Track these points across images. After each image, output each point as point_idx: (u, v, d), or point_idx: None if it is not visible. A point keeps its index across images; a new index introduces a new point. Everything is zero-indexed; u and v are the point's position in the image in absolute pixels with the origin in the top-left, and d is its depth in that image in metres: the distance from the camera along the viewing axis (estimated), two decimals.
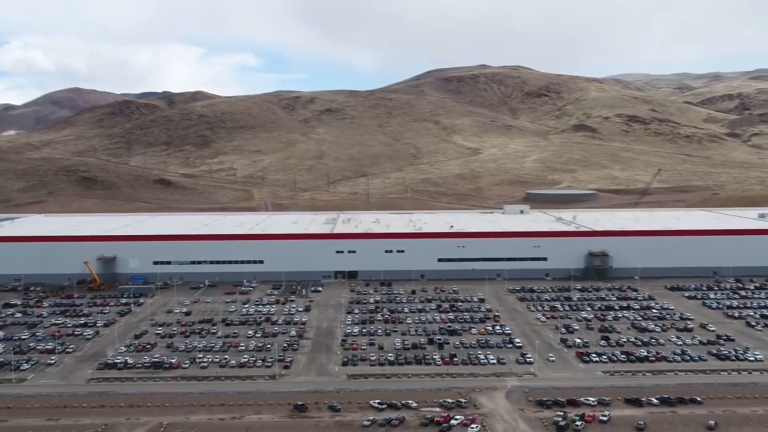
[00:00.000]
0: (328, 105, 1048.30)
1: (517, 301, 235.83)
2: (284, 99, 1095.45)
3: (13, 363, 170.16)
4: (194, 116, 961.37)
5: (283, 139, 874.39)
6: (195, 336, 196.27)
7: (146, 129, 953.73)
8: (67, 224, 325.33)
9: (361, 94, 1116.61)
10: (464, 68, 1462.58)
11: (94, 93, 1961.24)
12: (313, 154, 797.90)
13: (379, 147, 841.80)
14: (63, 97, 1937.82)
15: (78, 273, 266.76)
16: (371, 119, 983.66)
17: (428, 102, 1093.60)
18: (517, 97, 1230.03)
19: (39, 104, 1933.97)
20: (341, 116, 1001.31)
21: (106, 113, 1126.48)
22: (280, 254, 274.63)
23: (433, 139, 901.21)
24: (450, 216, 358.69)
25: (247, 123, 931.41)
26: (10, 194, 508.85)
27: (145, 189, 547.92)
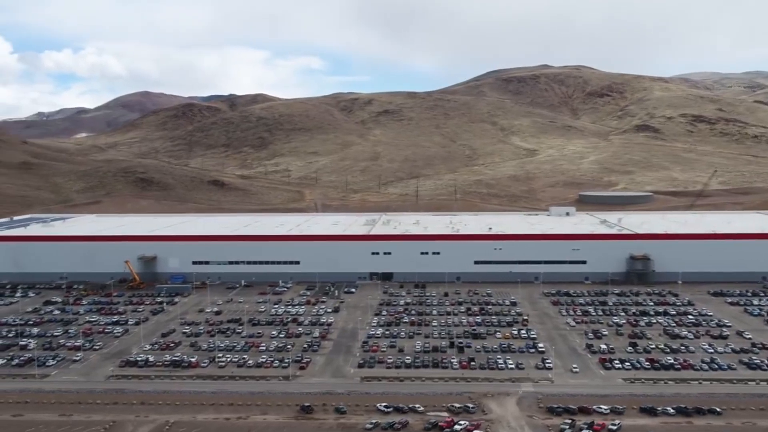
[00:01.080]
0: (385, 106, 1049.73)
1: (550, 305, 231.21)
2: (342, 101, 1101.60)
3: (41, 359, 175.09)
4: (253, 118, 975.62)
5: (339, 140, 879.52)
6: (220, 335, 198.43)
7: (206, 131, 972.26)
8: (114, 224, 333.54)
9: (419, 96, 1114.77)
10: (525, 68, 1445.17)
11: (162, 96, 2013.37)
12: (368, 155, 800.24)
13: (434, 148, 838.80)
14: (133, 100, 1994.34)
15: (120, 272, 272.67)
16: (428, 120, 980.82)
17: (487, 103, 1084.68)
18: (579, 97, 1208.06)
19: (110, 107, 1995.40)
20: (398, 118, 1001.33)
21: (169, 116, 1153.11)
22: (316, 255, 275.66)
23: (490, 140, 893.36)
24: (494, 218, 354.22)
25: (304, 125, 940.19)
26: (70, 195, 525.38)
27: (199, 190, 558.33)
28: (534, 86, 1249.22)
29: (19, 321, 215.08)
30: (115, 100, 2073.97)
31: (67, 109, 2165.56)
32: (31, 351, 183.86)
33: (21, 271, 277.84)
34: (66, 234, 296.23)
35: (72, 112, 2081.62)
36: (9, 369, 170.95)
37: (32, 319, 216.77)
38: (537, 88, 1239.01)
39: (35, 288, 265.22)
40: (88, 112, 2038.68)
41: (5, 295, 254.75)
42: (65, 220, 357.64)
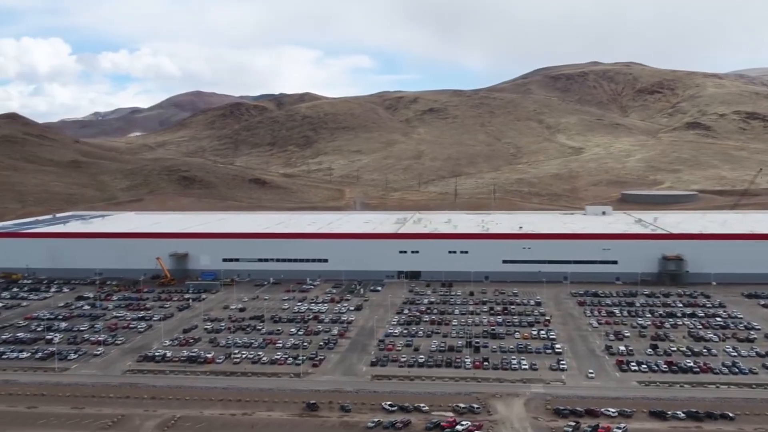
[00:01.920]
0: (430, 105, 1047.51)
1: (576, 306, 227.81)
2: (388, 99, 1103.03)
3: (63, 352, 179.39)
4: (299, 117, 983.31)
5: (383, 139, 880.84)
6: (240, 332, 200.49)
7: (253, 130, 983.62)
8: (150, 222, 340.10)
9: (465, 94, 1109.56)
10: (574, 66, 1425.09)
11: (213, 96, 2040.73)
12: (411, 154, 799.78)
13: (478, 147, 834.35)
14: (185, 100, 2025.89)
15: (152, 269, 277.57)
16: (473, 119, 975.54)
17: (533, 101, 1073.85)
18: (628, 94, 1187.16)
19: (163, 107, 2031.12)
20: (443, 116, 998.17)
21: (218, 115, 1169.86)
22: (344, 253, 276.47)
23: (535, 138, 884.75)
24: (527, 217, 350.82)
25: (349, 123, 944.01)
26: (115, 192, 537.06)
27: (241, 188, 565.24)
28: (582, 83, 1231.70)
29: (49, 315, 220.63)
30: (167, 100, 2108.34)
31: (121, 108, 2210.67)
32: (55, 345, 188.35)
33: (58, 267, 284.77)
34: (101, 231, 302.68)
35: (126, 111, 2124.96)
36: (31, 362, 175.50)
37: (62, 314, 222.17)
38: (585, 86, 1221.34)
39: (70, 283, 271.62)
40: (141, 111, 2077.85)
41: (41, 290, 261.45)
42: (104, 217, 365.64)
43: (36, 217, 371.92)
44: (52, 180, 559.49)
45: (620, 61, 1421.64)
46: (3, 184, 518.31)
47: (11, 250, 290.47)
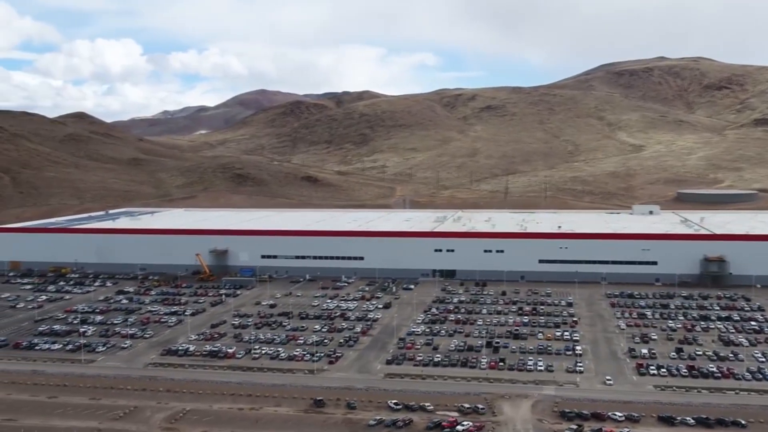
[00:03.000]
0: (488, 102, 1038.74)
1: (608, 307, 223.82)
2: (446, 97, 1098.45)
3: (92, 345, 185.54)
4: (356, 115, 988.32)
5: (439, 136, 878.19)
6: (266, 328, 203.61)
7: (311, 128, 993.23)
8: (197, 218, 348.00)
9: (524, 91, 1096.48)
10: (639, 61, 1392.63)
11: (278, 94, 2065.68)
12: (466, 151, 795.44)
13: (535, 144, 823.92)
14: (250, 98, 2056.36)
15: (194, 264, 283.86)
16: (532, 116, 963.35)
17: (594, 97, 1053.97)
18: (695, 90, 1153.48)
19: (228, 106, 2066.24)
20: (501, 113, 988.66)
21: (278, 113, 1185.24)
22: (379, 251, 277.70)
23: (595, 135, 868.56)
24: (571, 216, 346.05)
25: (405, 121, 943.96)
26: (170, 189, 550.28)
27: (292, 186, 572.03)
28: (647, 79, 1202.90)
29: (87, 309, 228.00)
30: (233, 99, 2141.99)
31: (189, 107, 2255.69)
32: (87, 337, 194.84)
33: (104, 262, 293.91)
34: (145, 227, 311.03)
35: (193, 110, 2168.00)
36: (61, 353, 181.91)
37: (99, 308, 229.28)
38: (650, 81, 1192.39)
39: (114, 278, 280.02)
40: (207, 110, 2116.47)
41: (85, 284, 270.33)
42: (153, 214, 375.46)
43: (89, 213, 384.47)
44: (111, 177, 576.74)
45: (688, 56, 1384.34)
46: (64, 180, 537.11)
47: (61, 245, 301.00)
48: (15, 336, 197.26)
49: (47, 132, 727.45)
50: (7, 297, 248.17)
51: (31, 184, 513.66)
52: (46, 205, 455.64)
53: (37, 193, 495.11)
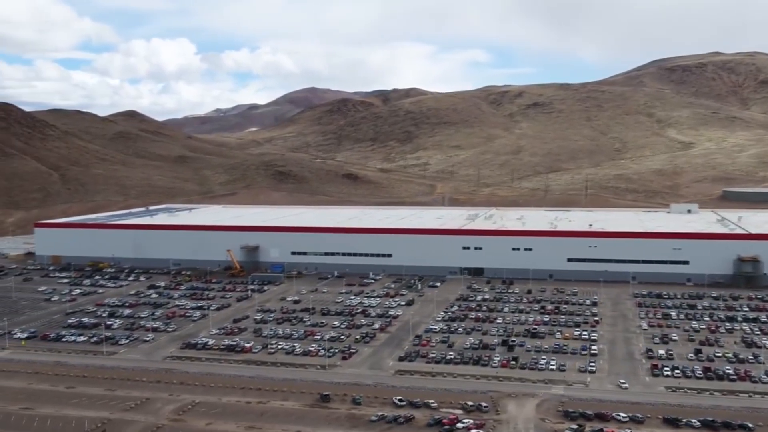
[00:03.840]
0: (535, 99, 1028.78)
1: (634, 307, 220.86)
2: (492, 94, 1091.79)
3: (116, 338, 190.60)
4: (401, 113, 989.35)
5: (484, 134, 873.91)
6: (286, 323, 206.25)
7: (356, 126, 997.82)
8: (233, 215, 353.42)
9: (572, 87, 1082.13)
10: (692, 56, 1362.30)
11: (328, 92, 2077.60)
12: (510, 149, 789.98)
13: (581, 141, 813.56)
14: (300, 96, 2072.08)
15: (226, 260, 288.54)
16: (579, 113, 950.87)
17: (644, 94, 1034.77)
18: (750, 86, 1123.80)
19: (279, 104, 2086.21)
20: (548, 110, 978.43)
21: (325, 111, 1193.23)
22: (407, 248, 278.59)
23: (644, 132, 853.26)
24: (606, 214, 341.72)
25: (450, 119, 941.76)
26: (213, 186, 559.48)
27: (333, 183, 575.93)
28: (700, 75, 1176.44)
29: (117, 302, 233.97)
30: (283, 97, 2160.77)
31: (241, 105, 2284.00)
32: (112, 330, 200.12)
33: (140, 257, 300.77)
34: (179, 223, 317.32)
35: (245, 108, 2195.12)
36: (85, 345, 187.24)
37: (129, 302, 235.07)
38: (703, 77, 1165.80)
39: (148, 273, 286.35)
40: (258, 108, 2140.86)
41: (120, 278, 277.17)
42: (191, 210, 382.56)
43: (130, 209, 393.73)
44: (157, 174, 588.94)
45: (743, 51, 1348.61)
46: (110, 177, 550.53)
47: (99, 240, 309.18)
48: (45, 328, 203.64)
49: (98, 130, 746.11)
50: (43, 290, 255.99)
51: (79, 181, 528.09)
52: (91, 202, 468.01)
53: (84, 189, 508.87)
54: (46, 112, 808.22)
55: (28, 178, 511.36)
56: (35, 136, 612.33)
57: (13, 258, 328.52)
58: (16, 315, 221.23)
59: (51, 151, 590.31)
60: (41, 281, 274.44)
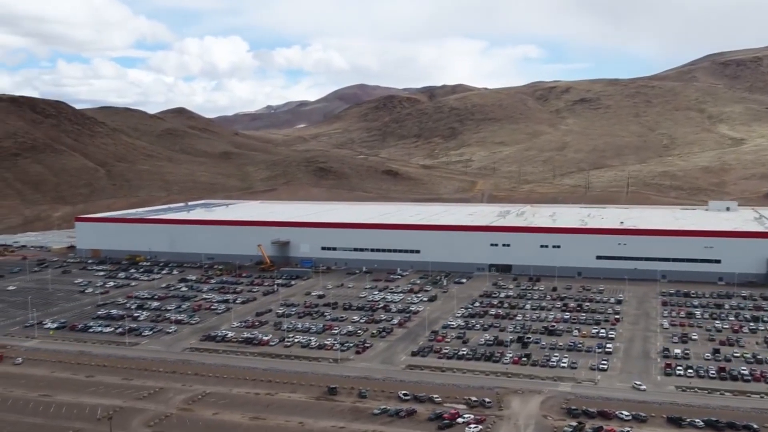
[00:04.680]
0: (583, 95, 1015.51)
1: (659, 306, 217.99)
2: (539, 90, 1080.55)
3: (140, 329, 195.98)
4: (446, 109, 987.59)
5: (529, 130, 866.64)
6: (307, 317, 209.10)
7: (401, 122, 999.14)
8: (267, 210, 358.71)
9: (621, 83, 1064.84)
10: (748, 51, 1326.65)
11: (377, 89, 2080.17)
12: (555, 145, 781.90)
13: (628, 138, 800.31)
14: (349, 93, 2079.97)
15: (258, 255, 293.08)
16: (627, 108, 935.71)
17: (695, 89, 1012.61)
18: None
19: (328, 100, 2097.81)
20: (595, 106, 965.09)
21: (371, 108, 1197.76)
22: (436, 245, 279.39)
23: (693, 128, 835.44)
24: (641, 212, 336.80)
25: (495, 115, 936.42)
26: (254, 182, 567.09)
27: (373, 179, 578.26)
28: (755, 69, 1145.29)
29: (147, 295, 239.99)
30: (333, 93, 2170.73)
31: (291, 102, 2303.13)
32: (140, 322, 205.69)
33: (175, 251, 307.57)
34: (212, 218, 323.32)
35: (294, 105, 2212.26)
36: (110, 336, 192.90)
37: (158, 294, 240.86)
38: (758, 72, 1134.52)
39: (182, 266, 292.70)
40: (308, 104, 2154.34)
41: (153, 272, 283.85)
42: (228, 206, 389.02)
43: (170, 205, 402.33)
44: (201, 170, 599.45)
45: None
46: (155, 173, 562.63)
47: (137, 235, 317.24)
48: (75, 319, 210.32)
49: (146, 127, 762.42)
50: (79, 282, 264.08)
51: (124, 177, 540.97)
52: (135, 197, 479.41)
53: (129, 185, 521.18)
54: (97, 110, 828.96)
55: (75, 173, 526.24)
56: (84, 133, 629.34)
57: (56, 251, 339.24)
58: (50, 306, 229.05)
59: (99, 148, 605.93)
60: (79, 274, 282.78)
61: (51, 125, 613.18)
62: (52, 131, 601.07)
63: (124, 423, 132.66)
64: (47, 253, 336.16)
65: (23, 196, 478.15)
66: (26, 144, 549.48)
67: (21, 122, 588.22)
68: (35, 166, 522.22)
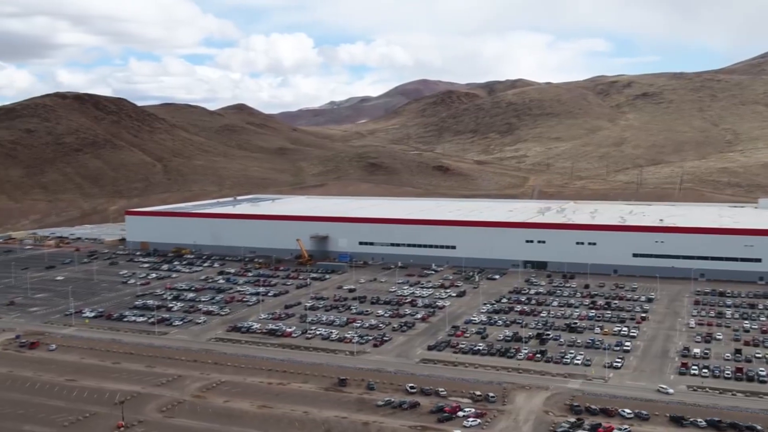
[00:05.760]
0: (645, 89, 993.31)
1: (690, 305, 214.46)
2: (600, 84, 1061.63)
3: (171, 319, 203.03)
4: (504, 104, 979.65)
5: (587, 125, 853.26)
6: (334, 311, 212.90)
7: (458, 118, 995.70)
8: (312, 205, 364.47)
9: (686, 77, 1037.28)
10: None
11: (439, 84, 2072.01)
12: (612, 141, 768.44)
13: (690, 133, 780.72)
14: (411, 88, 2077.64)
15: (297, 249, 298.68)
16: (691, 103, 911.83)
17: (764, 83, 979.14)
18: None
19: (390, 96, 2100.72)
20: (657, 101, 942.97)
21: (429, 103, 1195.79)
22: (471, 241, 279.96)
23: (760, 123, 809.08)
24: (686, 209, 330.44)
25: (554, 110, 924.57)
26: (306, 178, 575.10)
27: (422, 175, 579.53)
28: None
29: (184, 287, 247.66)
30: (395, 89, 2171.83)
31: (354, 97, 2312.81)
32: (173, 313, 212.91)
33: (219, 245, 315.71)
34: (254, 213, 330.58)
35: (357, 100, 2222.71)
36: (142, 325, 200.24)
37: (195, 286, 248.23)
38: None
39: (224, 260, 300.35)
40: (370, 100, 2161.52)
41: (196, 264, 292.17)
42: (274, 200, 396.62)
43: (218, 199, 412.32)
44: (254, 165, 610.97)
45: None
46: (209, 168, 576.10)
47: (182, 228, 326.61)
48: (113, 308, 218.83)
49: (205, 123, 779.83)
50: (124, 273, 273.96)
51: (179, 172, 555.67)
52: (188, 191, 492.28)
53: (183, 179, 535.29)
54: (159, 107, 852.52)
55: (133, 168, 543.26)
56: (144, 129, 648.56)
57: (107, 243, 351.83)
58: (92, 296, 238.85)
59: (157, 143, 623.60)
60: (125, 265, 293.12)
61: (112, 122, 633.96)
62: (113, 127, 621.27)
63: (139, 408, 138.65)
64: (99, 245, 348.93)
65: (82, 190, 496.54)
66: (87, 140, 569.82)
67: (84, 119, 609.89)
68: (95, 161, 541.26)
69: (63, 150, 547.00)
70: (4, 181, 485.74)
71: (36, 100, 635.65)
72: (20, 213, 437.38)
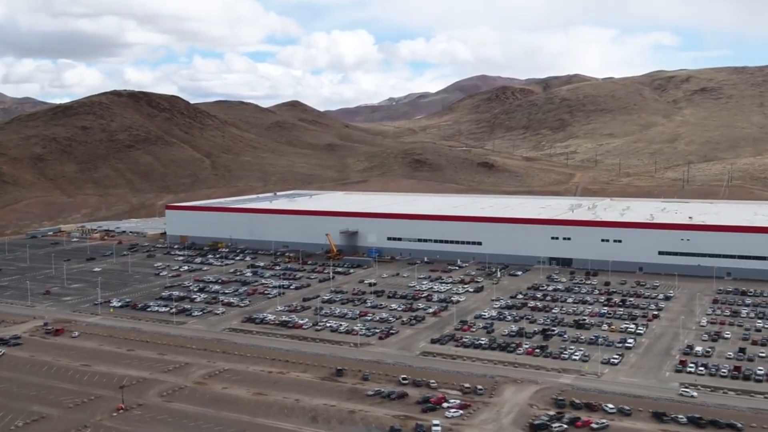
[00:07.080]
0: (704, 84, 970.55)
1: (708, 303, 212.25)
2: (657, 79, 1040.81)
3: (190, 310, 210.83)
4: (557, 100, 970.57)
5: (642, 121, 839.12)
6: (349, 304, 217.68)
7: (510, 114, 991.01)
8: (348, 201, 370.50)
9: (747, 71, 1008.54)
10: None
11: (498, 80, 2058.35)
12: (666, 137, 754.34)
13: (748, 129, 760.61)
14: (469, 84, 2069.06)
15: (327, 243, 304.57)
16: (751, 98, 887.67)
17: None
18: None
19: (448, 92, 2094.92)
20: (716, 96, 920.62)
21: (483, 99, 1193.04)
22: (497, 237, 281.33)
23: None
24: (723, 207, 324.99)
25: (607, 106, 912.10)
26: (350, 173, 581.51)
27: (467, 171, 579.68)
28: None
29: (212, 279, 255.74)
30: (453, 85, 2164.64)
31: (412, 94, 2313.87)
32: (196, 304, 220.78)
33: (254, 239, 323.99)
34: (287, 208, 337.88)
35: (415, 96, 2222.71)
36: (163, 315, 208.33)
37: (222, 279, 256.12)
38: None
39: (256, 253, 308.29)
40: (427, 96, 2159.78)
41: (228, 257, 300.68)
42: (311, 196, 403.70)
43: (258, 195, 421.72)
44: (301, 161, 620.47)
45: None
46: (256, 164, 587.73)
47: (220, 222, 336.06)
48: (139, 298, 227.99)
49: (257, 120, 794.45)
50: (158, 265, 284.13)
51: (227, 167, 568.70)
52: (233, 187, 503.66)
53: (230, 175, 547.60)
54: (212, 104, 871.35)
55: (182, 164, 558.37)
56: (195, 126, 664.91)
57: (149, 237, 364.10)
58: (123, 286, 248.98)
59: (207, 140, 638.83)
60: (161, 258, 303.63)
61: (164, 119, 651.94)
62: (165, 124, 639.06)
63: (142, 392, 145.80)
64: (142, 238, 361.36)
65: (132, 185, 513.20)
66: (140, 136, 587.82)
67: (137, 116, 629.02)
68: (146, 157, 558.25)
69: (116, 146, 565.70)
70: (59, 176, 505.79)
71: (93, 98, 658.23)
72: (72, 207, 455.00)
